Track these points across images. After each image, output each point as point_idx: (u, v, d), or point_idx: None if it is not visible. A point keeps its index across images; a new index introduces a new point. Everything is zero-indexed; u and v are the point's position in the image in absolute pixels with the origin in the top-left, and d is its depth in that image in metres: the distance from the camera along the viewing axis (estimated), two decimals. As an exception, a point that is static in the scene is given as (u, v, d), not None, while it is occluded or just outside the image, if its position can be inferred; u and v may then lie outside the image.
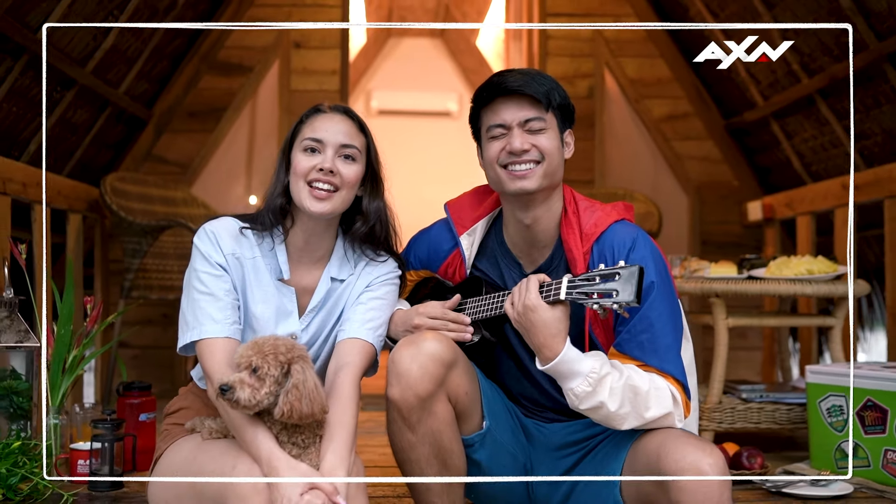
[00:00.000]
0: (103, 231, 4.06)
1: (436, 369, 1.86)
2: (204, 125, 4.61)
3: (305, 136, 1.95)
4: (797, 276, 2.89)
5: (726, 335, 2.97)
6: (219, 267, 1.92)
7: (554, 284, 1.80)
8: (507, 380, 2.12)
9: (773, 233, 4.44)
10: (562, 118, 1.99)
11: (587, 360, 1.78)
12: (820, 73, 3.74)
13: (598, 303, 1.73)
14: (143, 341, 4.39)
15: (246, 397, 1.69)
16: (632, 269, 1.71)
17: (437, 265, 2.19)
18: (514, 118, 1.94)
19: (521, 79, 1.93)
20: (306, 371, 1.73)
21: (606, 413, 1.79)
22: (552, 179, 1.97)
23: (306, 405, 1.70)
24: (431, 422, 1.88)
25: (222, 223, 1.98)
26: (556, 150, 1.96)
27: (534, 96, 1.92)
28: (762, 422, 2.95)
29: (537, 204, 1.98)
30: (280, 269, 1.98)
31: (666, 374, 1.84)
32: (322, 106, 2.01)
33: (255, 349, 1.73)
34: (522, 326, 1.82)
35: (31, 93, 3.30)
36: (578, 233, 1.97)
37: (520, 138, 1.93)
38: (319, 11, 4.67)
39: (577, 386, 1.78)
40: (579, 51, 4.76)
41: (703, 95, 4.78)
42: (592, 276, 1.76)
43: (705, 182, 4.76)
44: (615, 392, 1.78)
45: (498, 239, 2.11)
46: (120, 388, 2.70)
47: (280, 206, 1.96)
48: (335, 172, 1.92)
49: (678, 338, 1.91)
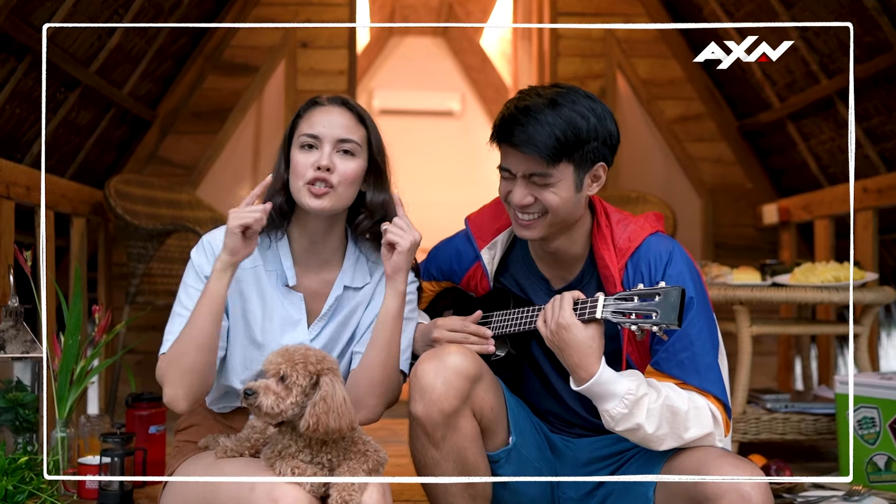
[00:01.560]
0: (107, 234, 3.97)
1: (460, 384, 1.78)
2: (209, 126, 4.51)
3: (302, 132, 1.86)
4: (824, 282, 2.81)
5: (750, 344, 2.89)
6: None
7: (589, 302, 1.72)
8: (533, 396, 2.04)
9: (789, 236, 4.37)
10: (583, 160, 1.80)
11: (623, 381, 1.70)
12: (840, 74, 3.66)
13: (636, 323, 1.65)
14: (147, 346, 4.29)
15: (269, 404, 1.61)
16: (673, 290, 1.62)
17: (459, 277, 2.11)
18: (519, 169, 1.82)
19: (526, 130, 1.76)
20: (336, 384, 1.65)
21: (644, 435, 1.72)
22: (563, 224, 1.87)
23: (333, 419, 1.61)
24: (456, 438, 1.81)
25: (220, 232, 1.88)
26: (565, 201, 1.82)
27: (538, 155, 1.77)
28: (787, 433, 2.88)
29: (553, 239, 1.90)
30: (285, 275, 1.90)
31: (706, 392, 1.76)
32: (319, 98, 1.90)
33: (285, 356, 1.65)
34: (555, 345, 1.74)
35: (35, 94, 3.21)
36: (613, 248, 1.88)
37: (521, 191, 1.82)
38: (326, 10, 4.59)
39: (612, 408, 1.70)
40: (590, 51, 4.68)
41: (717, 96, 4.70)
42: (630, 296, 1.68)
43: (718, 184, 4.68)
44: (653, 413, 1.70)
45: (523, 253, 2.03)
46: (129, 399, 2.62)
47: (280, 204, 1.88)
48: (332, 169, 1.82)
49: (717, 355, 1.83)
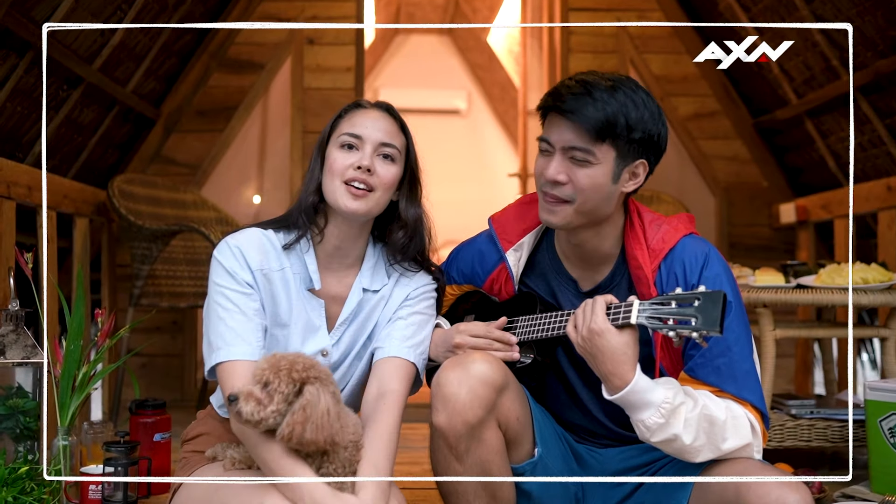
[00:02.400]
0: (111, 235, 3.88)
1: (486, 393, 1.70)
2: (214, 124, 4.43)
3: (343, 131, 1.81)
4: (852, 284, 2.72)
5: (774, 348, 2.80)
6: (247, 285, 1.76)
7: (623, 307, 1.63)
8: (557, 405, 1.96)
9: (806, 236, 4.27)
10: (627, 149, 1.72)
11: (660, 389, 1.61)
12: (862, 69, 3.56)
13: (674, 329, 1.55)
14: (151, 349, 4.22)
15: (249, 411, 1.54)
16: (714, 294, 1.53)
17: (482, 280, 2.02)
18: (559, 141, 1.74)
19: (579, 101, 1.69)
20: (321, 394, 1.56)
21: (680, 446, 1.62)
22: (591, 217, 1.77)
23: (310, 431, 1.53)
24: (481, 451, 1.72)
25: (247, 236, 1.81)
26: (598, 187, 1.72)
27: (583, 126, 1.69)
28: (813, 440, 2.78)
29: (580, 231, 1.81)
30: (310, 278, 1.82)
31: (744, 401, 1.67)
32: (363, 101, 1.87)
33: (270, 362, 1.58)
34: (587, 352, 1.64)
35: (37, 92, 3.13)
36: (646, 248, 1.79)
37: (556, 165, 1.73)
38: (333, 6, 4.50)
39: (648, 417, 1.61)
40: (603, 47, 4.59)
41: (731, 93, 4.61)
42: (668, 300, 1.58)
43: (733, 183, 4.58)
44: (690, 423, 1.60)
45: (550, 254, 1.94)
46: (132, 406, 2.54)
47: (313, 203, 1.82)
48: (372, 171, 1.77)
49: (754, 361, 1.74)
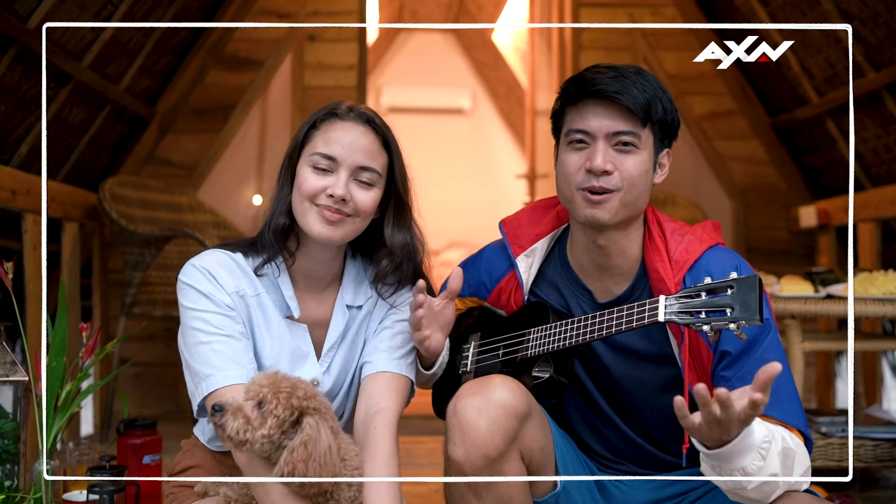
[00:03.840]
0: (102, 239, 3.73)
1: (508, 423, 1.54)
2: (211, 124, 4.26)
3: (317, 150, 1.60)
4: (886, 294, 2.56)
5: (802, 361, 2.65)
6: (227, 307, 1.58)
7: (648, 304, 1.49)
8: (579, 428, 1.79)
9: (827, 240, 4.10)
10: (661, 136, 1.65)
11: (757, 427, 1.39)
12: (889, 66, 3.40)
13: (708, 322, 1.40)
14: (145, 357, 4.06)
15: (235, 427, 1.39)
16: (749, 280, 1.39)
17: (488, 291, 1.86)
18: (602, 128, 1.61)
19: (619, 82, 1.59)
20: (321, 429, 1.41)
21: (770, 489, 1.42)
22: (632, 210, 1.65)
23: (312, 470, 1.37)
24: (502, 486, 1.56)
25: (215, 257, 1.63)
26: (643, 175, 1.63)
27: (630, 107, 1.58)
28: (844, 459, 2.62)
29: (612, 230, 1.67)
30: (287, 305, 1.65)
31: (790, 426, 1.51)
32: (340, 109, 1.64)
33: (271, 380, 1.42)
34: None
35: (22, 89, 2.97)
36: (668, 259, 1.64)
37: (603, 155, 1.60)
38: (334, 1, 4.34)
39: (749, 463, 1.38)
40: (615, 43, 4.43)
41: (748, 92, 4.44)
42: (697, 292, 1.44)
43: (750, 185, 4.42)
44: (776, 459, 1.40)
45: (562, 263, 1.78)
46: (121, 426, 2.38)
47: (283, 226, 1.63)
48: (347, 200, 1.58)
49: (795, 383, 1.59)
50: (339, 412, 1.73)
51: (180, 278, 1.61)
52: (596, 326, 1.58)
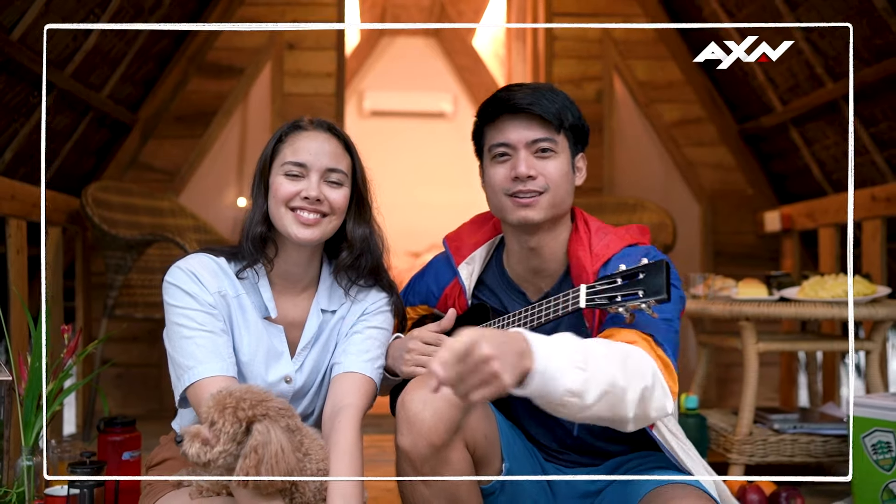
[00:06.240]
0: (85, 243, 3.81)
1: (451, 413, 1.65)
2: (192, 130, 4.36)
3: (286, 159, 1.76)
4: (835, 297, 2.68)
5: (756, 361, 2.77)
6: (209, 306, 1.71)
7: (571, 294, 1.65)
8: (524, 421, 1.93)
9: (791, 245, 4.23)
10: (574, 140, 1.82)
11: (559, 343, 1.40)
12: (846, 77, 3.53)
13: (623, 305, 1.56)
14: (127, 358, 4.15)
15: (194, 452, 1.51)
16: (656, 264, 1.56)
17: (436, 298, 2.03)
18: (521, 138, 1.77)
19: (530, 95, 1.77)
20: (272, 431, 1.52)
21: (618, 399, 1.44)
22: (558, 210, 1.80)
23: (265, 472, 1.48)
24: (447, 473, 1.68)
25: (199, 260, 1.77)
26: (564, 177, 1.79)
27: (543, 116, 1.75)
28: (796, 455, 2.75)
29: (542, 231, 1.83)
30: (265, 306, 1.79)
31: (651, 338, 1.61)
32: (302, 122, 1.80)
33: (216, 400, 1.54)
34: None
35: (5, 98, 3.05)
36: (589, 252, 1.80)
37: (525, 162, 1.76)
38: (314, 10, 4.43)
39: (571, 381, 1.37)
40: (587, 52, 4.54)
41: (717, 99, 4.57)
42: (613, 279, 1.59)
43: (718, 190, 4.55)
44: (607, 365, 1.42)
45: (499, 269, 1.95)
46: (101, 424, 2.47)
47: (261, 234, 1.77)
48: (322, 200, 1.74)
49: (677, 321, 1.72)
50: (310, 408, 1.86)
51: (166, 279, 1.74)
52: (527, 318, 1.74)
